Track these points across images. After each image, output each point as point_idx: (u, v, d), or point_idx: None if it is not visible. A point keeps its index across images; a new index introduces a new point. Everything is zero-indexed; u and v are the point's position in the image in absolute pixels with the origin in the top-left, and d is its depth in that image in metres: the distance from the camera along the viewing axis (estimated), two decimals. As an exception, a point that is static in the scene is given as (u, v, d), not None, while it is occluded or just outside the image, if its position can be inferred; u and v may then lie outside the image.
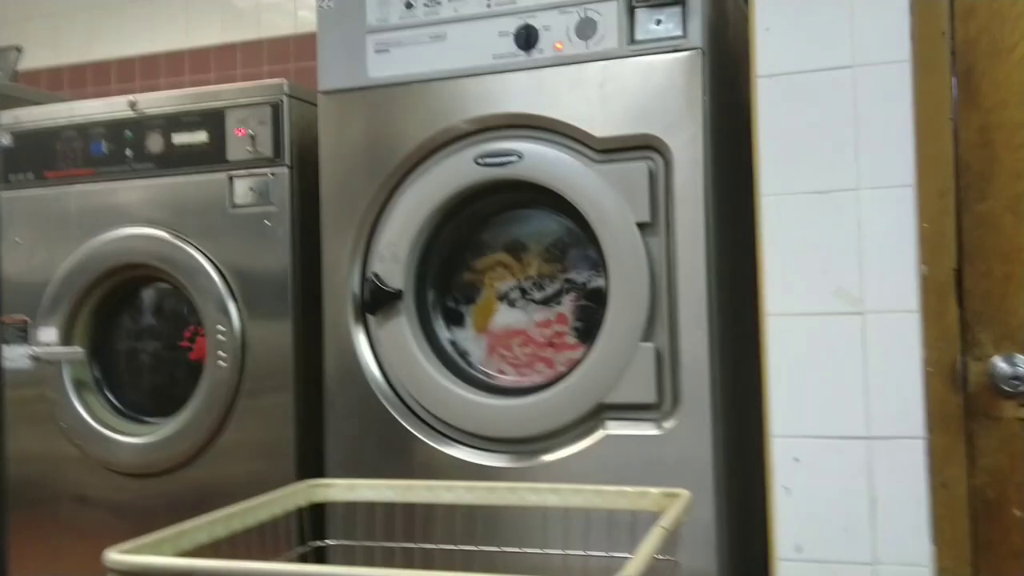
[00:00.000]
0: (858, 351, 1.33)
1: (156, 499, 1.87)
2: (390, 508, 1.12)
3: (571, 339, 1.61)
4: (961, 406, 1.32)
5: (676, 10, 1.47)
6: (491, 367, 1.64)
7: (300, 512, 1.08)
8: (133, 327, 2.00)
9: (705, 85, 1.46)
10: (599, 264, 1.57)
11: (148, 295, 1.98)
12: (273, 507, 1.04)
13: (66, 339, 1.94)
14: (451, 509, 1.13)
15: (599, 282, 1.59)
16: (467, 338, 1.67)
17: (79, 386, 1.95)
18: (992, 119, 1.33)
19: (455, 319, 1.68)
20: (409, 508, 1.11)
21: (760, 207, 1.38)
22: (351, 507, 1.12)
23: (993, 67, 1.33)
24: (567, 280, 1.62)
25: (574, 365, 1.53)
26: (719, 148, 1.51)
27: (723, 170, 1.54)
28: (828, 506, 1.33)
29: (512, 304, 1.65)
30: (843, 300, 1.33)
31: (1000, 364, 1.30)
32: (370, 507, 1.12)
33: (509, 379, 1.63)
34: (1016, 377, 1.30)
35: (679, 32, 1.47)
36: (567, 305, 1.62)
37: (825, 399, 1.34)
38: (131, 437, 1.89)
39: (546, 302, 1.63)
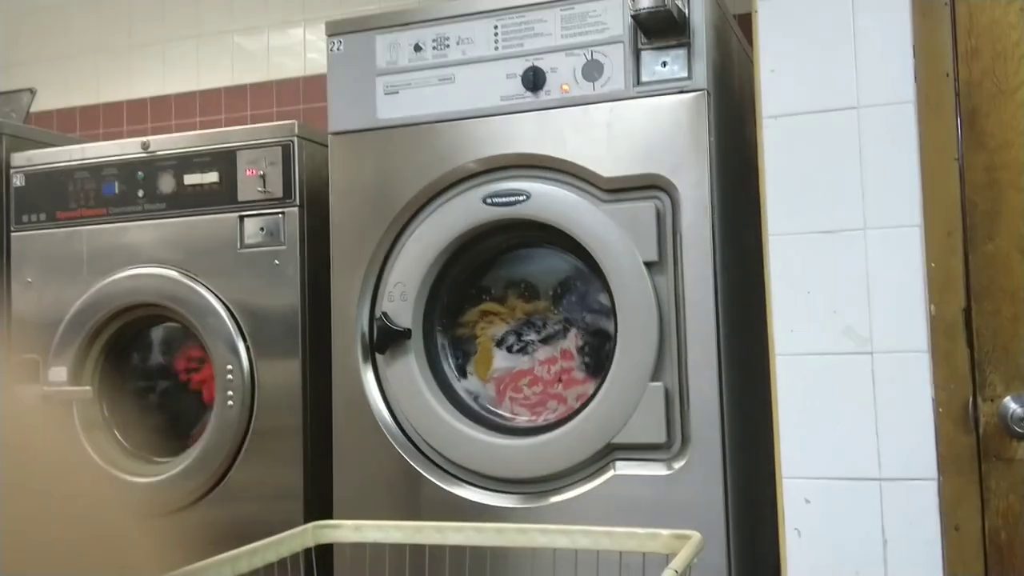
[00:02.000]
0: (868, 391, 1.32)
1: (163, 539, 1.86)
2: (399, 549, 1.11)
3: (579, 374, 1.61)
4: (973, 447, 1.31)
5: (681, 52, 1.49)
6: (504, 410, 1.64)
7: (308, 553, 1.07)
8: (142, 366, 2.01)
9: (711, 125, 1.47)
10: (602, 303, 1.57)
11: (158, 334, 1.99)
12: (280, 548, 1.03)
13: (76, 379, 1.95)
14: (460, 550, 1.12)
15: (601, 318, 1.59)
16: (476, 384, 1.67)
17: (88, 425, 1.95)
18: (998, 159, 1.33)
19: (461, 372, 1.68)
20: (418, 549, 1.10)
21: (768, 247, 1.38)
22: (359, 548, 1.12)
23: (998, 108, 1.34)
24: (566, 319, 1.62)
25: (587, 400, 1.53)
26: (726, 188, 1.52)
27: (730, 210, 1.54)
28: (840, 548, 1.32)
29: (510, 350, 1.65)
30: (852, 340, 1.33)
31: (1011, 405, 1.30)
32: (378, 548, 1.11)
33: (519, 419, 1.62)
34: (1027, 417, 1.29)
35: (684, 73, 1.48)
36: (571, 340, 1.62)
37: (836, 440, 1.33)
38: (139, 477, 1.89)
39: (547, 340, 1.63)
